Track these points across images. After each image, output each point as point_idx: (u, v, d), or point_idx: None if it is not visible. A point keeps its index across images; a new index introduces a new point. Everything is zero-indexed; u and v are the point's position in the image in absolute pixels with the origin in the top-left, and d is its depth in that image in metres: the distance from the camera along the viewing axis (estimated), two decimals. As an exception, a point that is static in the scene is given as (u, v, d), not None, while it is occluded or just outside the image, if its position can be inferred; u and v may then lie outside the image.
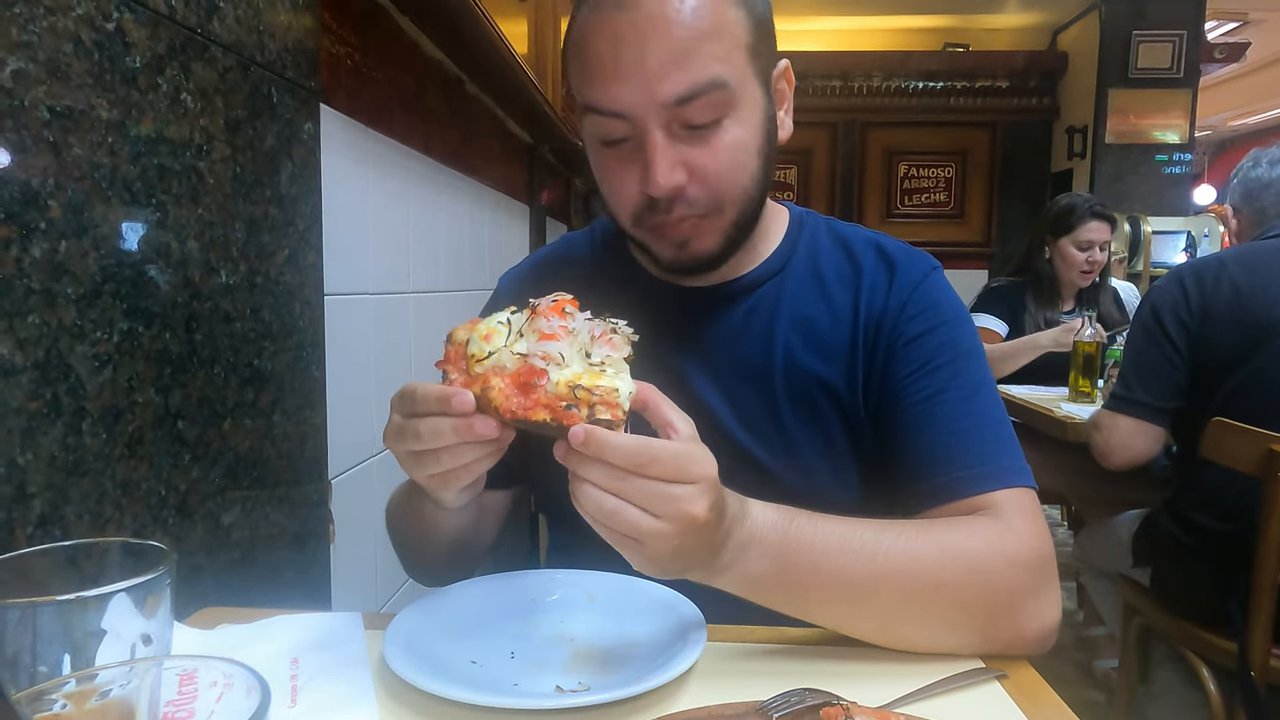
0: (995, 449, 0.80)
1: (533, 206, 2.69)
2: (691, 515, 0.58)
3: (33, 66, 0.64)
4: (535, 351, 0.59)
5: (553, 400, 0.57)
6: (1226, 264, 1.64)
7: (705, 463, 0.60)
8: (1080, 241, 2.72)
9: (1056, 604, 0.73)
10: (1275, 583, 1.40)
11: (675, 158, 0.75)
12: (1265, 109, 9.02)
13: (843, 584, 0.68)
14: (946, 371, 0.83)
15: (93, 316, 0.70)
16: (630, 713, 0.60)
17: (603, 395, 0.57)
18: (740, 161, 0.78)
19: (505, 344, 0.60)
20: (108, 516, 0.72)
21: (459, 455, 0.62)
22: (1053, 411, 2.17)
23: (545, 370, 0.58)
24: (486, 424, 0.59)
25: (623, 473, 0.57)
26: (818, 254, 0.91)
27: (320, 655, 0.68)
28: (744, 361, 0.87)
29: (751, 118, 0.78)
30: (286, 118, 1.03)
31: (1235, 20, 6.46)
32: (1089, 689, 2.41)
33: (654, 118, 0.74)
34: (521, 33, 2.53)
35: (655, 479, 0.57)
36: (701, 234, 0.80)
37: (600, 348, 0.59)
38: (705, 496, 0.59)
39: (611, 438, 0.56)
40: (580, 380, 0.57)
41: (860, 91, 5.72)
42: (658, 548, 0.58)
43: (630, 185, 0.78)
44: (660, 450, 0.57)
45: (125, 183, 0.74)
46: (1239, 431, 1.44)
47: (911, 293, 0.86)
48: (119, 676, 0.44)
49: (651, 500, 0.57)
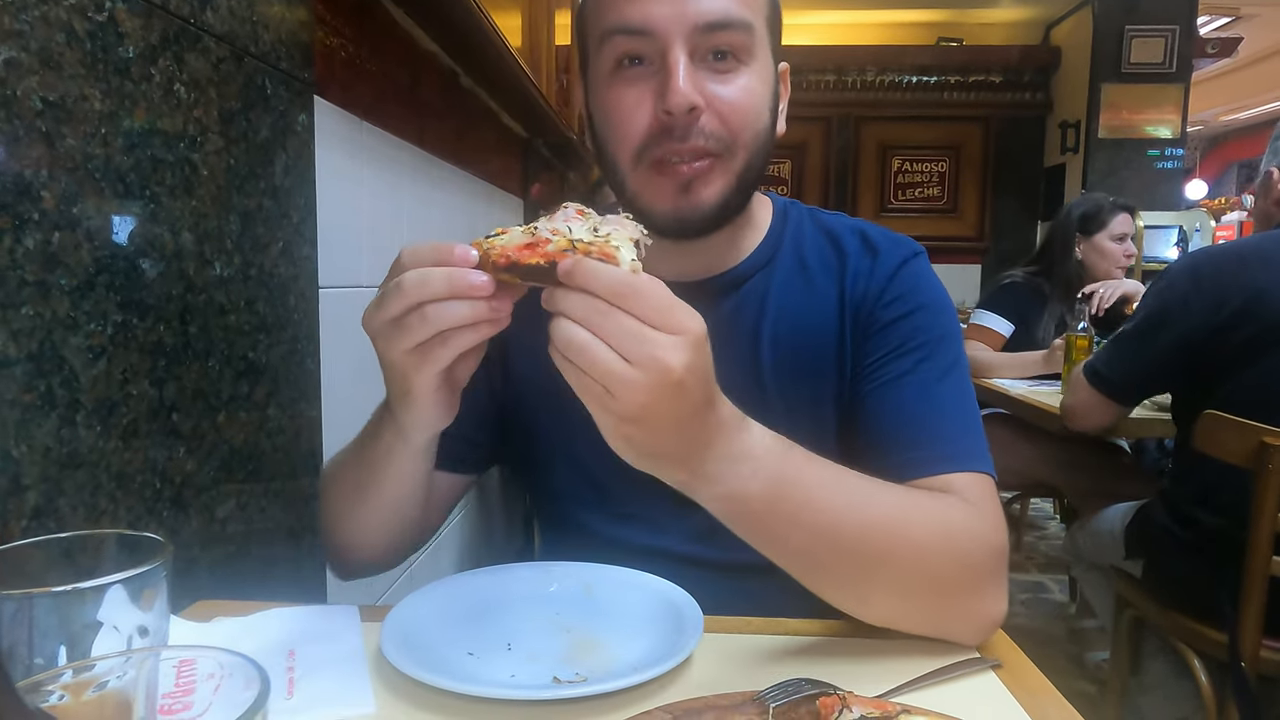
0: (955, 432, 0.79)
1: (527, 200, 2.68)
2: (665, 365, 0.53)
3: (25, 56, 0.63)
4: (545, 228, 0.57)
5: (551, 252, 0.55)
6: (1246, 257, 1.61)
7: (693, 319, 0.55)
8: (1116, 235, 2.78)
9: (1005, 599, 0.73)
10: (1266, 574, 1.41)
11: (696, 81, 0.75)
12: (1257, 104, 9.06)
13: (828, 528, 0.66)
14: (915, 355, 0.82)
15: (86, 308, 0.69)
16: (628, 703, 0.60)
17: (600, 247, 0.54)
18: (755, 107, 0.78)
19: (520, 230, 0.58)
20: (102, 509, 0.71)
21: (448, 312, 0.56)
22: (1046, 405, 2.18)
23: (550, 239, 0.56)
24: (481, 277, 0.56)
25: (603, 305, 0.52)
26: (803, 244, 0.90)
27: (317, 647, 0.68)
28: (733, 358, 0.85)
29: (766, 77, 0.79)
30: (280, 109, 1.03)
31: (1227, 15, 6.49)
32: (1081, 680, 2.43)
33: (681, 37, 0.74)
34: (516, 26, 2.52)
35: (635, 317, 0.53)
36: (708, 177, 0.78)
37: (609, 225, 0.58)
38: (684, 350, 0.53)
39: (597, 265, 0.53)
40: (582, 237, 0.55)
41: (854, 86, 5.73)
42: (626, 402, 0.53)
43: (643, 110, 0.76)
44: (647, 286, 0.53)
45: (119, 174, 0.73)
46: (1232, 424, 1.44)
47: (890, 278, 0.86)
48: (116, 667, 0.43)
49: (626, 339, 0.52)
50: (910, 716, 0.54)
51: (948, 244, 5.55)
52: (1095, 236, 2.78)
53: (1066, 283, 2.79)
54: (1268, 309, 1.52)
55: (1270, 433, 1.38)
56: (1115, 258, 2.78)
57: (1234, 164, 10.67)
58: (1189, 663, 1.60)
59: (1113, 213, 2.77)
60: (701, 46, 0.75)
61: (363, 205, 1.34)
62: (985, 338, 2.78)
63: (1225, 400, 1.52)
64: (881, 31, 5.93)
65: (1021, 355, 2.69)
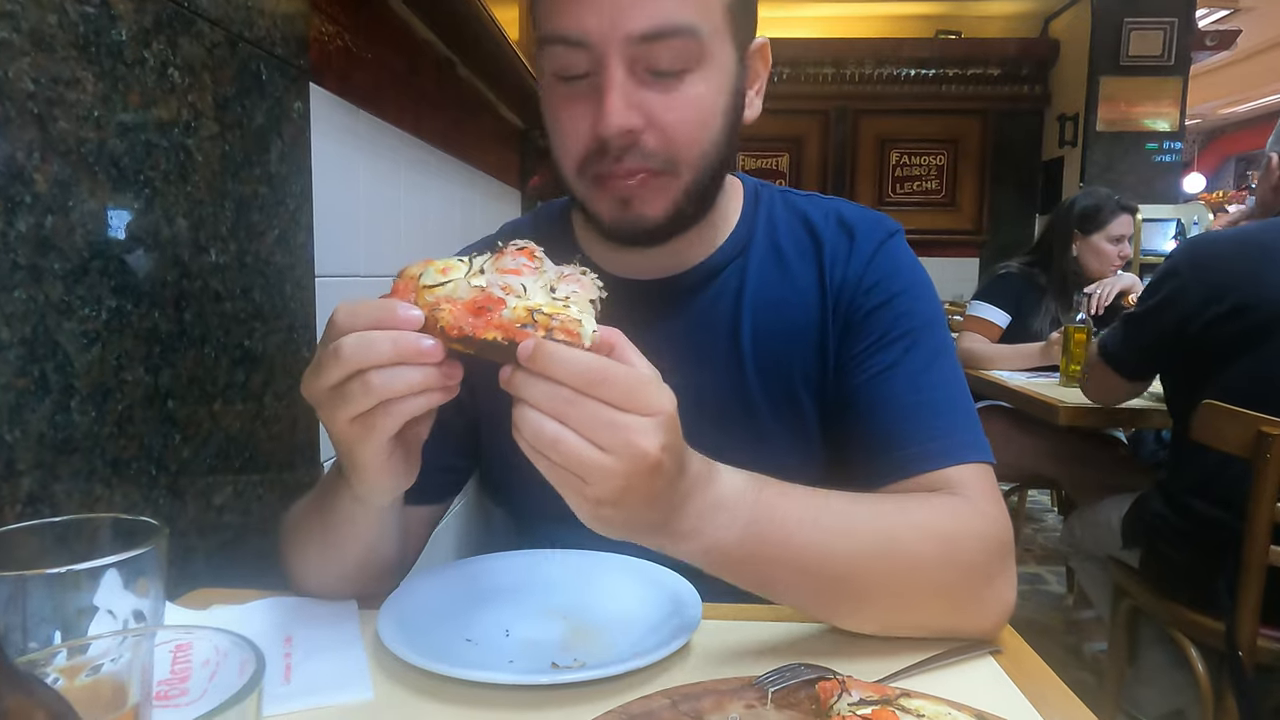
0: (949, 423, 0.76)
1: (524, 191, 2.67)
2: (642, 450, 0.51)
3: (16, 37, 0.62)
4: (495, 283, 0.52)
5: (508, 323, 0.51)
6: (1245, 246, 1.61)
7: (664, 396, 0.53)
8: (1113, 236, 2.76)
9: (1014, 585, 0.72)
10: (1263, 564, 1.41)
11: (633, 99, 0.70)
12: (1255, 97, 9.06)
13: (814, 563, 0.64)
14: (901, 345, 0.79)
15: (80, 293, 0.69)
16: (626, 688, 0.60)
17: (564, 323, 0.51)
18: (702, 120, 0.73)
19: (464, 276, 0.53)
20: (98, 495, 0.71)
21: (394, 381, 0.52)
22: (1045, 396, 2.18)
23: (503, 300, 0.52)
24: (428, 341, 0.52)
25: (570, 393, 0.50)
26: (776, 230, 0.86)
27: (314, 634, 0.67)
28: (711, 354, 0.83)
29: (719, 80, 0.73)
30: (276, 96, 1.02)
31: (1226, 8, 6.48)
32: (1078, 670, 2.43)
33: (616, 51, 0.68)
34: (513, 17, 2.51)
35: (605, 403, 0.51)
36: (649, 195, 0.73)
37: (567, 285, 0.54)
38: (659, 432, 0.52)
39: (562, 350, 0.50)
40: (541, 307, 0.52)
41: (852, 79, 5.71)
42: (602, 488, 0.52)
43: (581, 126, 0.72)
44: (614, 370, 0.51)
45: (113, 158, 0.73)
46: (1229, 414, 1.44)
47: (869, 263, 0.83)
48: (111, 649, 0.43)
49: (597, 427, 0.50)
50: (909, 700, 0.54)
51: (945, 237, 5.54)
52: (1093, 237, 2.77)
53: (1062, 277, 2.79)
54: (1265, 299, 1.52)
55: (1268, 422, 1.38)
56: (1110, 259, 2.77)
57: (1232, 157, 10.67)
58: (1186, 652, 1.61)
59: (1114, 214, 2.75)
60: (643, 59, 0.69)
61: (359, 194, 1.33)
62: (982, 329, 2.77)
63: (1222, 390, 1.52)
64: (880, 24, 5.91)
65: (1019, 347, 2.69)
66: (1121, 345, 1.82)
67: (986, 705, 0.54)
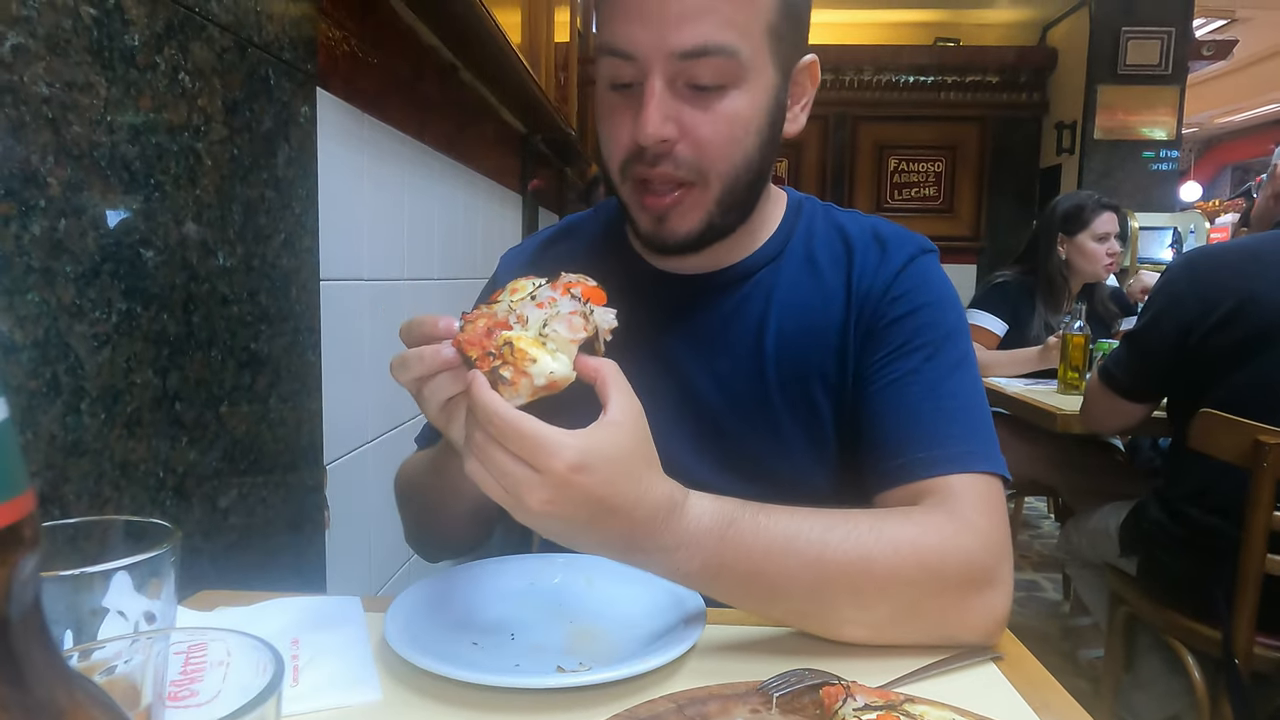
0: (959, 432, 0.77)
1: (525, 195, 2.68)
2: (524, 502, 0.57)
3: (32, 42, 0.63)
4: (517, 309, 0.61)
5: (484, 349, 0.58)
6: (1242, 257, 1.61)
7: (558, 456, 0.56)
8: (1098, 234, 2.74)
9: (1007, 596, 0.72)
10: (1260, 572, 1.42)
11: (670, 111, 0.75)
12: (1251, 106, 9.10)
13: (783, 586, 0.67)
14: (921, 354, 0.81)
15: (91, 295, 0.69)
16: (631, 692, 0.60)
17: (516, 359, 0.57)
18: (735, 135, 0.77)
19: (513, 300, 0.62)
20: (106, 497, 0.71)
21: (438, 392, 0.62)
22: (1042, 403, 2.18)
23: (510, 325, 0.60)
24: (450, 353, 0.60)
25: (482, 436, 0.57)
26: (813, 239, 0.90)
27: (321, 635, 0.68)
28: (737, 349, 0.86)
29: (757, 97, 0.77)
30: (283, 100, 1.02)
31: (1223, 18, 6.51)
32: (1075, 678, 2.44)
33: (659, 65, 0.74)
34: (516, 22, 2.52)
35: (505, 451, 0.57)
36: (683, 209, 0.79)
37: (557, 324, 0.59)
38: (543, 489, 0.57)
39: (481, 394, 0.56)
40: (515, 341, 0.58)
41: (851, 85, 5.72)
42: (522, 516, 0.59)
43: (624, 131, 0.77)
44: (516, 424, 0.56)
45: (124, 162, 0.73)
46: (1227, 422, 1.45)
47: (897, 274, 0.85)
48: (123, 651, 0.43)
49: (498, 470, 0.57)
50: (913, 706, 0.55)
51: (943, 244, 5.43)
52: (1077, 236, 2.77)
53: (1049, 280, 2.79)
54: (1260, 311, 1.53)
55: (1265, 431, 1.39)
56: (1098, 258, 2.76)
57: (1228, 166, 10.71)
58: (1183, 659, 1.61)
59: (1096, 212, 2.74)
60: (684, 74, 0.74)
61: (364, 198, 1.34)
62: (980, 337, 2.78)
63: (1221, 399, 1.53)
64: (879, 31, 5.93)
65: (1016, 352, 2.69)
66: (1122, 366, 1.79)
67: (989, 711, 0.55)
